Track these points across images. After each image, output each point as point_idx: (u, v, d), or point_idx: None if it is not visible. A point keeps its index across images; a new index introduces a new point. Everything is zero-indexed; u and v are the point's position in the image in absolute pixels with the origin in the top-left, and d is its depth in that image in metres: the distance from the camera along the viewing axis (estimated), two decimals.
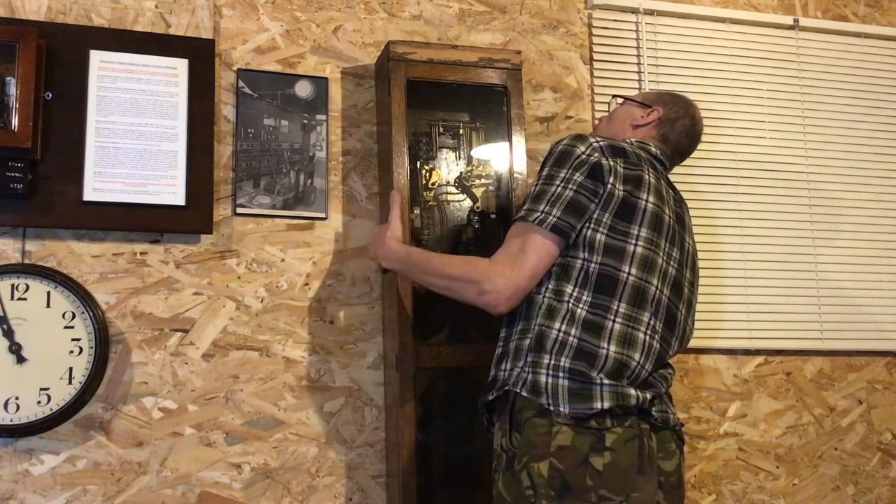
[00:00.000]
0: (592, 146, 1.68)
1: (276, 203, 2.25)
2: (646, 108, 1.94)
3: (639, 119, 1.93)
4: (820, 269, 2.67)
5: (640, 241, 1.65)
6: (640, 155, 1.75)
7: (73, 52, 2.10)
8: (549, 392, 1.57)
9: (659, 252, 1.67)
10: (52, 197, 2.03)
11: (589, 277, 1.62)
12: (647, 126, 1.92)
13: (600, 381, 1.57)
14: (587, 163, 1.66)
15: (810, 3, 2.88)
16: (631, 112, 1.96)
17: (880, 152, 2.80)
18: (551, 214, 1.63)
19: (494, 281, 1.63)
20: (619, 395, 1.57)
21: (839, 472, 2.62)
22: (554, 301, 1.63)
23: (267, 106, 2.28)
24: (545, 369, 1.59)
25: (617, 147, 1.71)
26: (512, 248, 1.66)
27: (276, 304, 2.22)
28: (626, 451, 1.55)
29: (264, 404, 2.17)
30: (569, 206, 1.63)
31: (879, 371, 2.71)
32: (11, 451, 1.98)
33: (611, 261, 1.62)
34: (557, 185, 1.65)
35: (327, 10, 2.39)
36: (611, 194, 1.64)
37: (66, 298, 2.03)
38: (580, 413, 1.55)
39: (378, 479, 2.21)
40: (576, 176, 1.65)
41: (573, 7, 2.63)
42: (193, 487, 2.08)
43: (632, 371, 1.60)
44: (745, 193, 2.65)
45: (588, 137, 1.71)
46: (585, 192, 1.64)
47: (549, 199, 1.64)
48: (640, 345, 1.62)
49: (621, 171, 1.66)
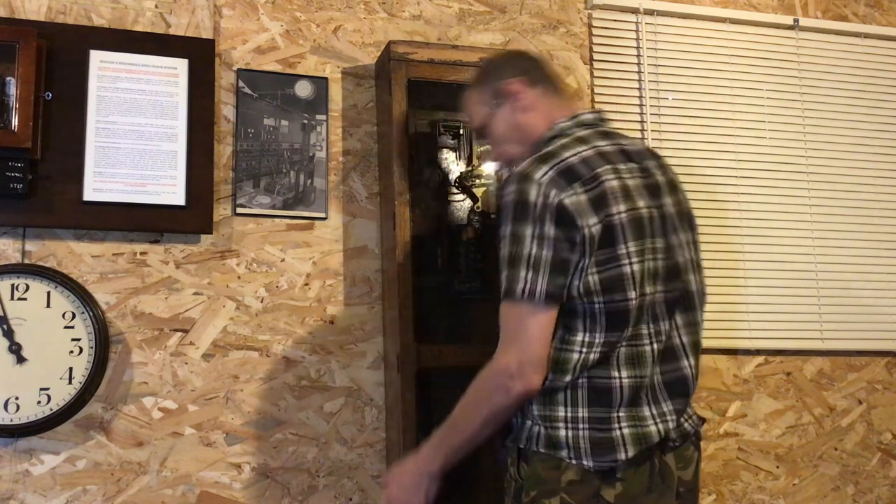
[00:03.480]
0: (543, 183, 1.50)
1: (276, 203, 2.25)
2: (505, 91, 1.71)
3: (519, 104, 1.70)
4: (820, 269, 2.67)
5: (633, 257, 1.52)
6: (585, 152, 1.57)
7: (73, 52, 2.10)
8: (571, 445, 1.49)
9: (648, 256, 1.55)
10: (52, 197, 2.03)
11: (597, 317, 1.51)
12: (528, 99, 1.70)
13: (618, 419, 1.50)
14: (549, 207, 1.49)
15: (810, 3, 2.88)
16: (505, 106, 1.72)
17: (880, 152, 2.80)
18: (538, 283, 1.48)
19: (508, 368, 1.50)
20: (639, 437, 1.50)
21: (839, 472, 2.62)
22: (564, 352, 1.52)
23: (267, 106, 2.28)
24: (563, 423, 1.51)
25: (564, 169, 1.53)
26: (509, 329, 1.52)
27: (276, 304, 2.22)
28: (637, 477, 1.51)
29: (264, 404, 2.17)
30: (553, 268, 1.48)
31: (879, 371, 2.71)
32: (11, 451, 1.98)
33: (615, 295, 1.50)
34: (531, 246, 1.49)
35: (327, 10, 2.39)
36: (589, 237, 1.49)
37: (66, 298, 2.03)
38: (604, 466, 1.48)
39: (378, 479, 2.21)
40: (546, 229, 1.48)
41: (573, 7, 2.63)
42: (193, 487, 2.08)
43: (646, 389, 1.53)
44: (745, 193, 2.65)
45: (532, 174, 1.52)
46: (564, 245, 1.48)
47: (529, 263, 1.49)
48: (647, 357, 1.53)
49: (585, 199, 1.50)
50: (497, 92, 1.73)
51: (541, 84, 1.73)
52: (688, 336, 1.62)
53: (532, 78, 1.72)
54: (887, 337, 2.70)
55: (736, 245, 2.61)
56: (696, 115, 2.65)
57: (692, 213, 1.72)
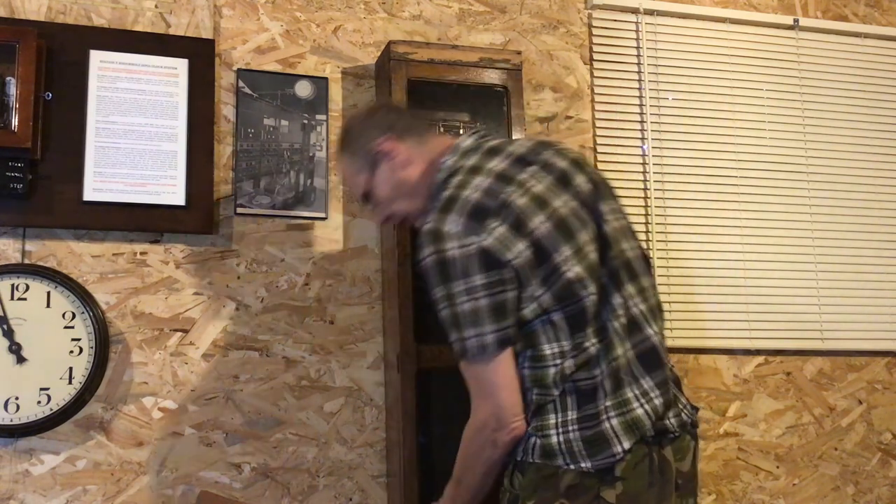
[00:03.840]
0: (457, 234, 1.47)
1: (276, 203, 2.25)
2: (378, 152, 1.69)
3: (396, 162, 1.68)
4: (820, 269, 2.67)
5: (570, 261, 1.49)
6: (484, 182, 1.53)
7: (73, 52, 2.10)
8: (564, 451, 1.47)
9: (587, 250, 1.53)
10: (52, 197, 2.03)
11: (556, 325, 1.49)
12: (403, 153, 1.68)
13: (605, 410, 1.48)
14: (471, 257, 1.45)
15: (810, 3, 2.88)
16: (382, 167, 1.70)
17: (880, 152, 2.80)
18: (485, 335, 1.46)
19: (487, 424, 1.49)
20: (629, 424, 1.48)
21: (839, 472, 2.62)
22: (540, 370, 1.50)
23: (267, 106, 2.28)
24: (554, 429, 1.49)
25: (471, 210, 1.49)
26: (476, 387, 1.51)
27: (276, 304, 2.21)
28: (637, 475, 1.48)
29: (264, 404, 2.17)
30: (494, 315, 1.45)
31: (879, 371, 2.71)
32: (11, 451, 1.98)
33: (568, 301, 1.49)
34: (465, 301, 1.46)
35: (327, 10, 2.39)
36: (521, 265, 1.47)
37: (66, 298, 2.03)
38: (603, 464, 1.46)
39: (378, 479, 2.21)
40: (474, 280, 1.45)
41: (573, 7, 2.63)
42: (193, 487, 2.08)
43: (623, 369, 1.51)
44: (745, 193, 2.65)
45: (442, 229, 1.48)
46: (497, 289, 1.46)
47: (468, 319, 1.46)
48: (613, 337, 1.51)
49: (504, 231, 1.47)
50: (369, 155, 1.70)
51: (408, 133, 1.71)
52: (644, 303, 1.59)
53: (398, 131, 1.70)
54: (887, 337, 2.70)
55: (736, 245, 2.61)
56: (696, 115, 2.65)
57: (606, 181, 1.68)
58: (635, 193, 2.56)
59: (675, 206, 2.58)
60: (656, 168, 2.58)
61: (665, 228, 2.56)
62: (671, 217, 2.57)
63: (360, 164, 1.73)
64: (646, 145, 2.59)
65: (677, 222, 2.58)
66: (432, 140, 1.73)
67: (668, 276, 2.54)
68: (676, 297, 2.53)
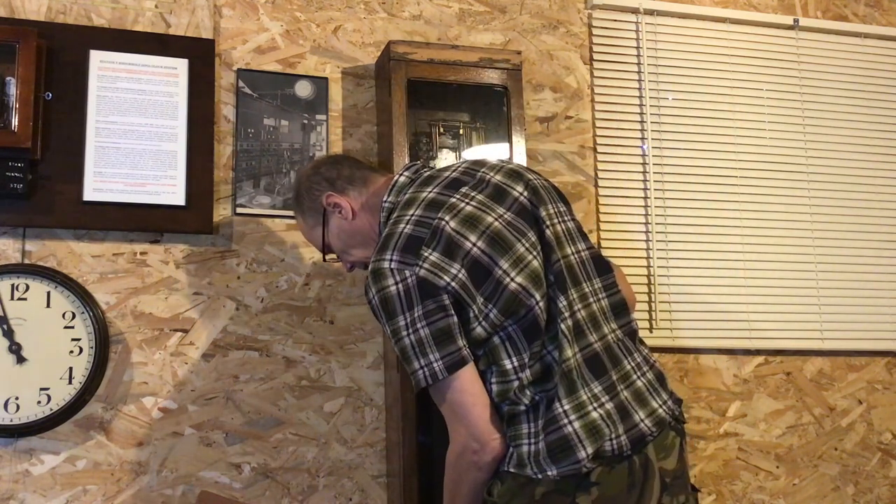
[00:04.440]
0: (393, 270, 1.50)
1: (276, 203, 2.25)
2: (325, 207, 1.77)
3: (343, 214, 1.76)
4: (820, 269, 2.67)
5: (511, 272, 1.51)
6: (415, 213, 1.56)
7: (73, 52, 2.10)
8: (532, 461, 1.47)
9: (528, 258, 1.54)
10: (52, 197, 2.03)
11: (515, 338, 1.51)
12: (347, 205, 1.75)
13: (565, 414, 1.47)
14: (409, 289, 1.48)
15: (810, 3, 2.88)
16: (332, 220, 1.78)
17: (880, 152, 2.80)
18: (434, 364, 1.47)
19: (467, 447, 1.50)
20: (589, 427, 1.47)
21: (839, 472, 2.62)
22: (504, 385, 1.51)
23: (267, 106, 2.28)
24: (526, 438, 1.49)
25: (405, 244, 1.52)
26: (446, 412, 1.52)
27: (276, 304, 2.22)
28: (614, 478, 1.48)
29: (264, 404, 2.17)
30: (438, 342, 1.47)
31: (879, 371, 2.71)
32: (11, 451, 1.98)
33: (518, 312, 1.50)
34: (410, 334, 1.48)
35: (327, 10, 2.39)
36: (460, 286, 1.48)
37: (66, 298, 2.03)
38: (569, 472, 1.46)
39: (378, 479, 2.21)
40: (415, 312, 1.48)
41: (573, 7, 2.63)
42: (193, 487, 2.08)
43: (574, 371, 1.50)
44: (745, 193, 2.65)
45: (381, 267, 1.51)
46: (437, 315, 1.48)
47: (416, 351, 1.48)
48: (562, 340, 1.50)
49: (437, 257, 1.49)
50: (318, 211, 1.79)
51: (350, 184, 1.77)
52: (594, 305, 1.58)
53: (339, 186, 1.77)
54: (887, 337, 2.70)
55: (736, 245, 2.61)
56: (696, 115, 2.65)
57: (550, 186, 1.68)
58: (635, 193, 2.57)
59: (675, 206, 2.58)
60: (656, 168, 2.58)
61: (665, 228, 2.56)
62: (671, 217, 2.57)
63: (311, 219, 1.82)
64: (646, 145, 2.59)
65: (677, 222, 2.58)
66: (374, 182, 1.77)
67: (668, 276, 2.54)
68: (676, 297, 2.53)
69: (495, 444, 1.50)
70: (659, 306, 2.50)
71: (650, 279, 2.51)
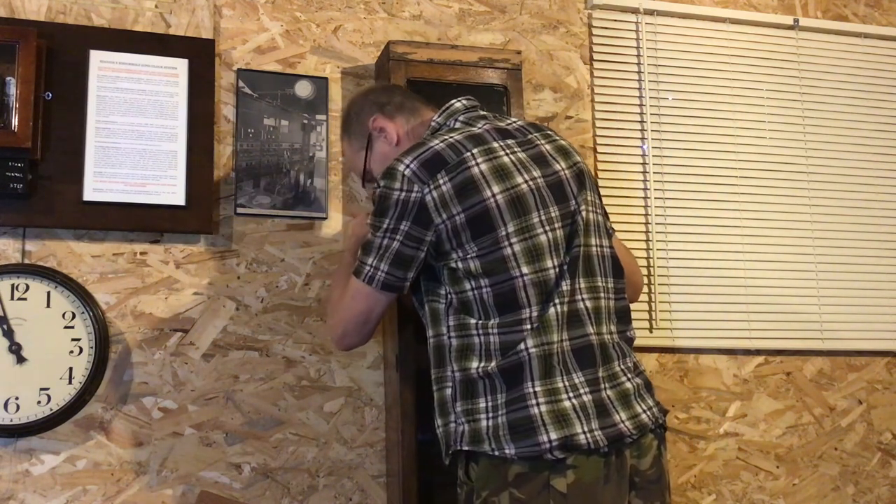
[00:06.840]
0: (406, 176, 1.53)
1: (276, 203, 2.25)
2: (371, 130, 1.78)
3: (388, 138, 1.76)
4: (820, 269, 2.67)
5: (513, 237, 1.51)
6: (454, 137, 1.57)
7: (73, 52, 2.10)
8: (491, 436, 1.46)
9: (537, 231, 1.53)
10: (52, 197, 2.03)
11: (486, 302, 1.52)
12: (393, 130, 1.76)
13: (534, 395, 1.46)
14: (409, 203, 1.53)
15: (810, 3, 2.88)
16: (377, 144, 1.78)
17: (880, 152, 2.80)
18: (380, 270, 1.57)
19: (333, 331, 1.71)
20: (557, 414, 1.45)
21: (839, 472, 2.62)
22: (463, 339, 1.53)
23: (267, 106, 2.28)
24: (484, 413, 1.49)
25: (429, 158, 1.54)
26: (345, 298, 1.66)
27: (276, 304, 2.22)
28: (590, 465, 1.45)
29: (264, 404, 2.17)
30: (396, 261, 1.56)
31: (879, 371, 2.71)
32: (11, 451, 1.98)
33: (498, 276, 1.51)
34: (383, 236, 1.56)
35: (327, 10, 2.39)
36: (452, 228, 1.52)
37: (66, 298, 2.03)
38: (527, 453, 1.44)
39: (378, 479, 2.21)
40: (401, 225, 1.54)
41: (573, 7, 2.63)
42: (193, 487, 2.08)
43: (556, 357, 1.49)
44: (745, 193, 2.65)
45: (396, 168, 1.54)
46: (411, 242, 1.54)
47: (377, 251, 1.57)
48: (551, 322, 1.50)
49: (449, 188, 1.51)
50: (364, 135, 1.80)
51: (398, 112, 1.78)
52: (594, 301, 1.57)
53: (388, 110, 1.78)
54: (887, 337, 2.70)
55: (736, 245, 2.61)
56: (696, 115, 2.65)
57: (591, 176, 1.70)
58: (635, 193, 2.57)
59: (675, 206, 2.58)
60: (656, 168, 2.58)
61: (665, 228, 2.56)
62: (671, 217, 2.57)
63: (357, 143, 1.83)
64: (646, 145, 2.59)
65: (677, 222, 2.58)
66: (423, 114, 1.78)
67: (668, 276, 2.54)
68: (676, 297, 2.53)
69: (341, 346, 1.73)
70: (659, 306, 2.50)
71: (650, 279, 2.51)
